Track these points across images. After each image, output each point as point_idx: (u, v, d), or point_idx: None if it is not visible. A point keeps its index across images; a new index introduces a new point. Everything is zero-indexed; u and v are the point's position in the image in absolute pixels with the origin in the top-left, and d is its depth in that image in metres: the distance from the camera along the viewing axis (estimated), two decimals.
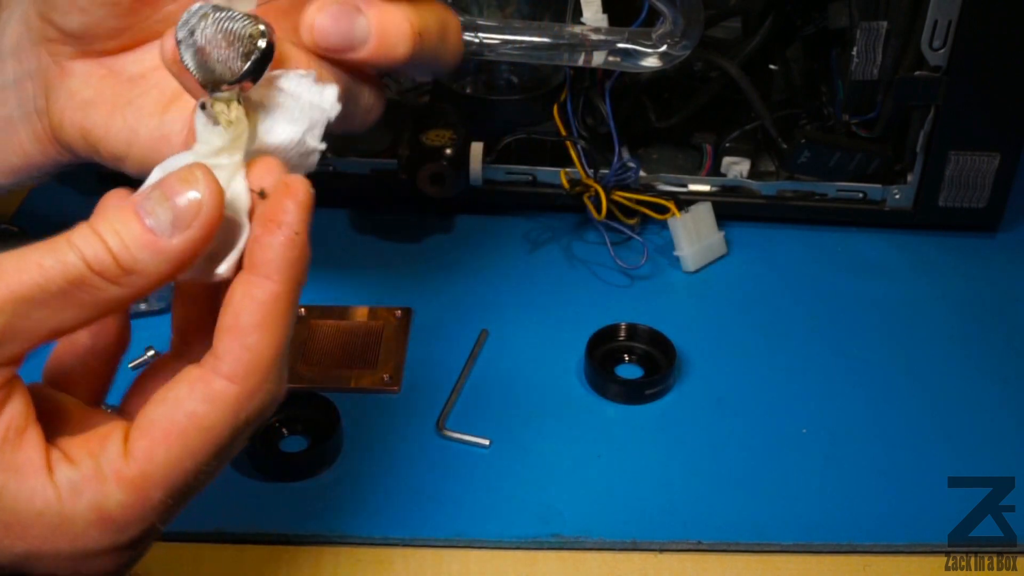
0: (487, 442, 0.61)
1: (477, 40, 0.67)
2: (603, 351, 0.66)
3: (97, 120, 0.48)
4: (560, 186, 0.74)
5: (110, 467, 0.38)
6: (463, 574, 0.55)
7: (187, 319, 0.43)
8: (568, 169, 0.74)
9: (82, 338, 0.43)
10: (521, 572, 0.56)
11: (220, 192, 0.37)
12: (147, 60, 0.48)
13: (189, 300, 0.43)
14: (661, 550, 0.56)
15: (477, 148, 0.73)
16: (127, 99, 0.48)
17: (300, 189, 0.39)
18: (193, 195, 0.37)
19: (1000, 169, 0.73)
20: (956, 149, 0.73)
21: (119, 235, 0.37)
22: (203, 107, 0.39)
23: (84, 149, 0.50)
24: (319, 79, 0.41)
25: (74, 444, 0.39)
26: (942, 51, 0.69)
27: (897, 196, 0.76)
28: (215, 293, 0.40)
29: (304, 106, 0.41)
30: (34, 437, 0.38)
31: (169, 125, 0.47)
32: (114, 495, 0.38)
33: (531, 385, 0.65)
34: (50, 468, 0.38)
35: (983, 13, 0.67)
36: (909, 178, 0.75)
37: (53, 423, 0.40)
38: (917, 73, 0.70)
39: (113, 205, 0.38)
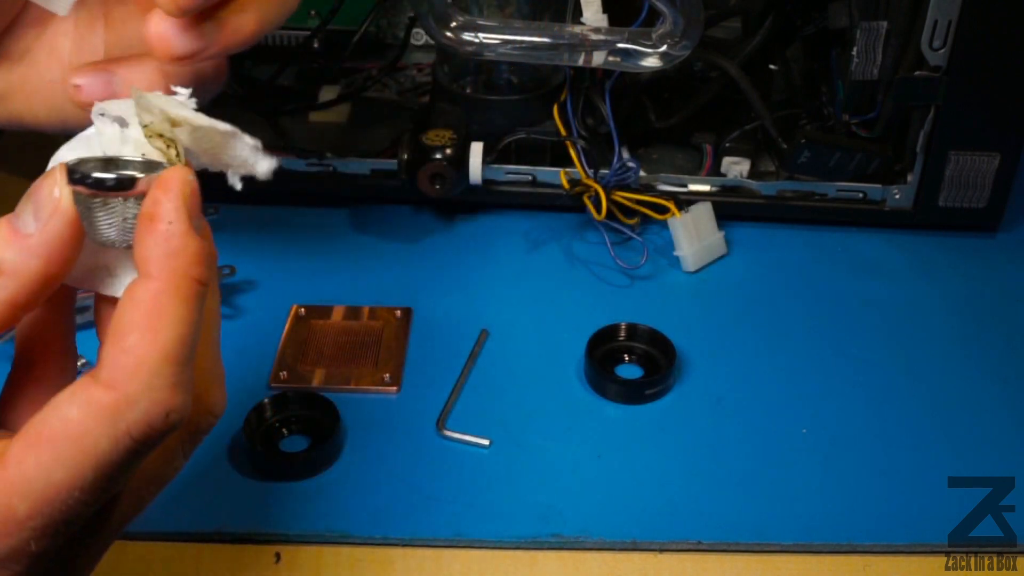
0: (487, 442, 0.61)
1: (477, 40, 0.67)
2: (603, 351, 0.66)
3: (22, 110, 0.47)
4: (560, 186, 0.74)
5: None
6: (463, 574, 0.55)
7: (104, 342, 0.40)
8: (568, 169, 0.74)
9: (22, 367, 0.40)
10: (521, 572, 0.56)
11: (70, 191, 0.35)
12: (29, 35, 0.46)
13: (105, 323, 0.39)
14: (661, 550, 0.56)
15: (477, 148, 0.73)
16: (35, 83, 0.46)
17: (173, 179, 0.35)
18: (53, 190, 0.35)
19: (1000, 169, 0.73)
20: (956, 149, 0.73)
21: None
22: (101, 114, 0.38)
23: (17, 127, 0.48)
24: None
25: None
26: (942, 51, 0.69)
27: (897, 196, 0.76)
28: None
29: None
30: None
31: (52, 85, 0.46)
32: None
33: (531, 385, 0.65)
34: None
35: (983, 13, 0.67)
36: (909, 178, 0.75)
37: None
38: (917, 73, 0.70)
39: None
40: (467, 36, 0.68)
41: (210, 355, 0.39)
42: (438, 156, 0.71)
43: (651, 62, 0.67)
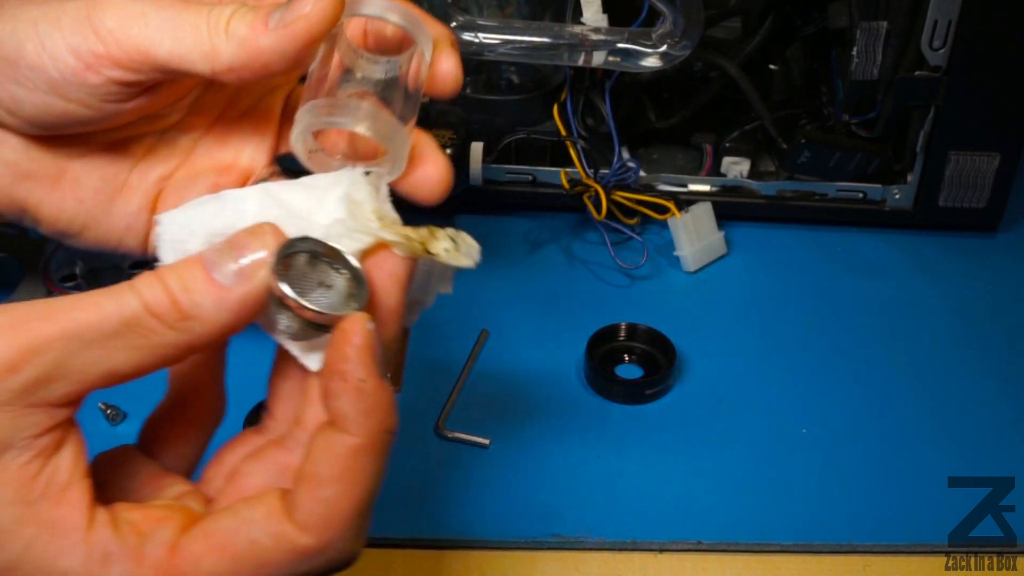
0: (487, 442, 0.61)
1: (477, 40, 0.67)
2: (603, 351, 0.66)
3: (42, 196, 0.45)
4: (560, 186, 0.74)
5: (153, 553, 0.36)
6: (463, 574, 0.55)
7: (278, 396, 0.41)
8: (568, 169, 0.74)
9: (175, 405, 0.41)
10: (521, 572, 0.56)
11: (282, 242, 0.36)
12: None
13: (282, 377, 0.41)
14: (661, 550, 0.56)
15: (477, 148, 0.73)
16: (72, 175, 0.46)
17: (355, 331, 0.36)
18: (260, 253, 0.36)
19: (1000, 169, 0.73)
20: (956, 149, 0.73)
21: (182, 280, 0.36)
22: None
23: (16, 218, 0.46)
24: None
25: (128, 513, 0.37)
26: (942, 51, 0.69)
27: (897, 196, 0.76)
28: (307, 375, 0.39)
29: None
30: (77, 495, 0.36)
31: (130, 215, 0.46)
32: None
33: (531, 385, 0.65)
34: (90, 526, 0.36)
35: (983, 13, 0.67)
36: (909, 178, 0.75)
37: (121, 484, 0.39)
38: (917, 73, 0.70)
39: (180, 261, 0.37)
40: (467, 36, 0.68)
41: None
42: None
43: (651, 62, 0.67)
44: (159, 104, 0.44)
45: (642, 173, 0.75)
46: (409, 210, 0.42)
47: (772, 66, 0.80)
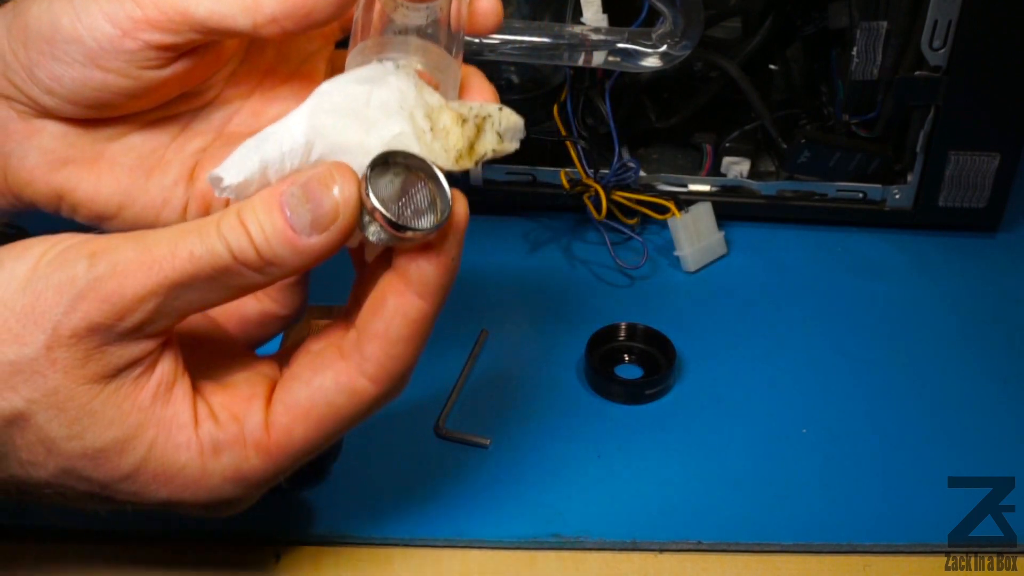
0: (487, 442, 0.61)
1: (477, 40, 0.67)
2: (603, 351, 0.66)
3: (79, 180, 0.47)
4: (560, 186, 0.74)
5: (252, 436, 0.42)
6: (463, 574, 0.55)
7: (363, 290, 0.45)
8: (568, 169, 0.74)
9: (269, 305, 0.49)
10: (521, 572, 0.56)
11: (357, 200, 0.39)
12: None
13: (368, 274, 0.45)
14: (661, 550, 0.56)
15: None
16: (109, 155, 0.47)
17: (462, 217, 0.41)
18: (331, 202, 0.39)
19: (1000, 169, 0.73)
20: (956, 149, 0.73)
21: (262, 228, 0.39)
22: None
23: (53, 206, 0.48)
24: None
25: (221, 400, 0.43)
26: (942, 51, 0.69)
27: (897, 196, 0.76)
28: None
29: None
30: (182, 391, 0.42)
31: (168, 188, 0.47)
32: (252, 459, 0.42)
33: (531, 385, 0.65)
34: (196, 422, 0.42)
35: (983, 13, 0.67)
36: (909, 178, 0.75)
37: (204, 369, 0.44)
38: (917, 73, 0.70)
39: (262, 193, 0.40)
40: (467, 36, 0.68)
41: None
42: None
43: (651, 62, 0.67)
44: (198, 73, 0.46)
45: (642, 173, 0.75)
46: None
47: (772, 66, 0.80)
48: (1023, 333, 0.70)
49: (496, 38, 0.68)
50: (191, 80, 0.46)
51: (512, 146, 0.43)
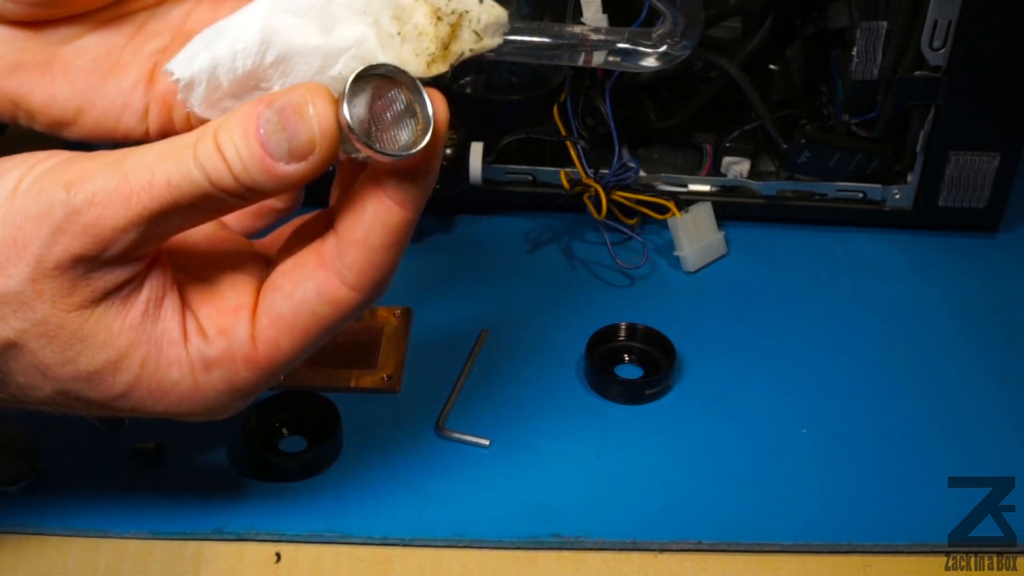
0: (487, 442, 0.61)
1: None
2: (603, 351, 0.66)
3: (32, 85, 0.47)
4: (560, 186, 0.74)
5: (240, 350, 0.43)
6: (463, 574, 0.55)
7: (343, 188, 0.45)
8: (568, 169, 0.74)
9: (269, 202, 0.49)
10: (521, 572, 0.56)
11: (335, 130, 0.39)
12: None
13: (347, 172, 0.45)
14: (661, 550, 0.56)
15: (477, 148, 0.73)
16: (64, 59, 0.47)
17: (442, 121, 0.40)
18: (307, 133, 0.39)
19: (1000, 169, 0.73)
20: (956, 149, 0.73)
21: (239, 154, 0.39)
22: None
23: (9, 115, 0.48)
24: None
25: (208, 312, 0.43)
26: (942, 51, 0.69)
27: (897, 196, 0.76)
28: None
29: None
30: (171, 307, 0.42)
31: (126, 91, 0.47)
32: (242, 372, 0.43)
33: (531, 385, 0.65)
34: (186, 338, 0.42)
35: (983, 13, 0.67)
36: (909, 178, 0.75)
37: (193, 270, 0.44)
38: (917, 73, 0.70)
39: (238, 113, 0.39)
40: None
41: None
42: None
43: (651, 62, 0.67)
44: None
45: (642, 173, 0.75)
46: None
47: (772, 66, 0.80)
48: (1023, 333, 0.70)
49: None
50: None
51: (492, 43, 0.42)
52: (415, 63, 0.40)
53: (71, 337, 0.40)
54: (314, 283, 0.42)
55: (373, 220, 0.41)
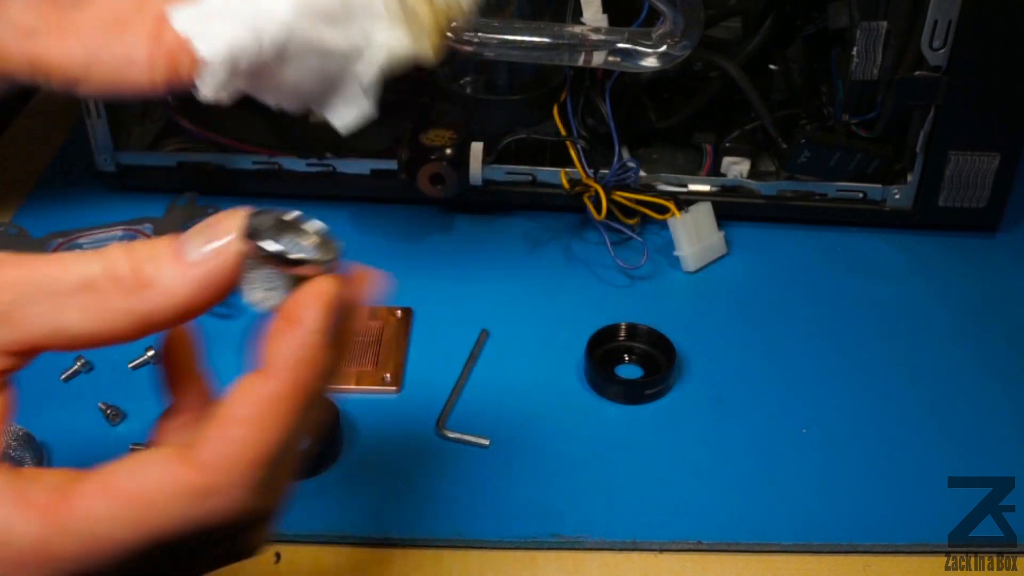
0: (487, 442, 0.61)
1: (477, 40, 0.67)
2: (603, 351, 0.66)
3: (49, 46, 0.50)
4: (560, 186, 0.74)
5: (40, 496, 0.34)
6: (463, 574, 0.55)
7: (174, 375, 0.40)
8: (568, 169, 0.74)
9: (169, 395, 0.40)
10: (521, 572, 0.56)
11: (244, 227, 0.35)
12: None
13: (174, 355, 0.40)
14: (661, 550, 0.56)
15: (477, 148, 0.73)
16: (75, 22, 0.50)
17: (324, 288, 0.35)
18: (229, 235, 0.35)
19: (1000, 169, 0.73)
20: (956, 149, 0.73)
21: (149, 251, 0.35)
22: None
23: (29, 76, 0.51)
24: None
25: (34, 471, 0.35)
26: (942, 51, 0.69)
27: (897, 196, 0.76)
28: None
29: None
30: None
31: (132, 46, 0.49)
32: (18, 520, 0.33)
33: (531, 385, 0.65)
34: None
35: (983, 13, 0.67)
36: (909, 178, 0.75)
37: None
38: (917, 73, 0.70)
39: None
40: (467, 36, 0.68)
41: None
42: (438, 156, 0.71)
43: (651, 62, 0.67)
44: None
45: (642, 173, 0.75)
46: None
47: (772, 66, 0.80)
48: (1023, 333, 0.70)
49: (496, 38, 0.68)
50: None
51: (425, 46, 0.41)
52: (423, 42, 0.39)
53: None
54: (162, 454, 0.34)
55: (239, 391, 0.34)
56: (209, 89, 0.40)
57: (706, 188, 0.77)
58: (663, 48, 0.66)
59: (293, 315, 0.35)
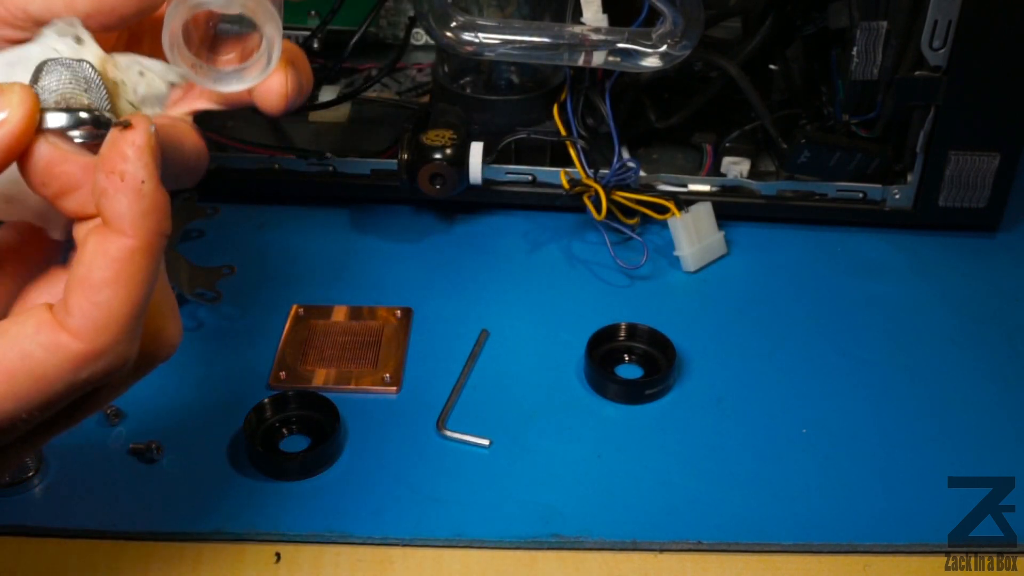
0: (487, 442, 0.61)
1: (477, 40, 0.67)
2: (603, 351, 0.66)
3: None
4: (560, 186, 0.74)
5: None
6: (463, 574, 0.55)
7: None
8: (568, 169, 0.74)
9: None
10: (521, 572, 0.56)
11: (30, 118, 0.35)
12: None
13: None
14: (661, 550, 0.56)
15: (477, 148, 0.73)
16: None
17: (139, 129, 0.35)
18: (2, 113, 0.34)
19: (1000, 169, 0.73)
20: (956, 149, 0.73)
21: None
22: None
23: None
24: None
25: None
26: (942, 51, 0.69)
27: (897, 196, 0.76)
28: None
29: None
30: None
31: None
32: None
33: (531, 385, 0.65)
34: None
35: (983, 13, 0.67)
36: (909, 178, 0.75)
37: None
38: (917, 73, 0.70)
39: None
40: (467, 36, 0.68)
41: (162, 289, 0.39)
42: (438, 156, 0.71)
43: (651, 62, 0.67)
44: None
45: (642, 173, 0.75)
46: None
47: (772, 66, 0.80)
48: (1023, 333, 0.70)
49: (496, 38, 0.68)
50: None
51: (150, 111, 0.39)
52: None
53: None
54: (35, 322, 0.35)
55: (93, 253, 0.35)
56: None
57: (706, 188, 0.77)
58: (663, 48, 0.66)
59: (121, 169, 0.35)
